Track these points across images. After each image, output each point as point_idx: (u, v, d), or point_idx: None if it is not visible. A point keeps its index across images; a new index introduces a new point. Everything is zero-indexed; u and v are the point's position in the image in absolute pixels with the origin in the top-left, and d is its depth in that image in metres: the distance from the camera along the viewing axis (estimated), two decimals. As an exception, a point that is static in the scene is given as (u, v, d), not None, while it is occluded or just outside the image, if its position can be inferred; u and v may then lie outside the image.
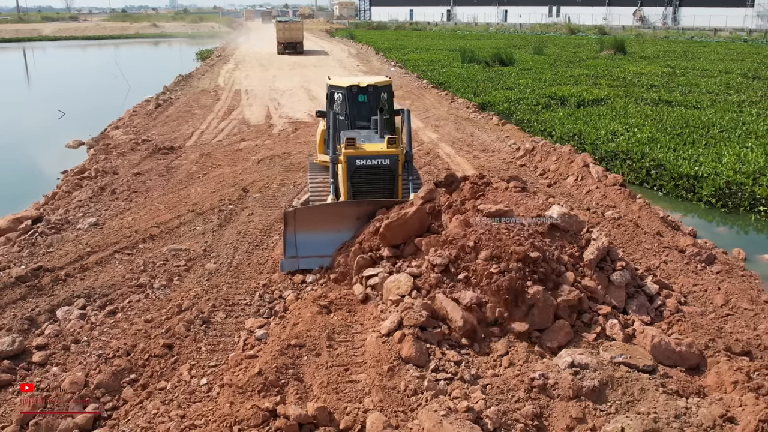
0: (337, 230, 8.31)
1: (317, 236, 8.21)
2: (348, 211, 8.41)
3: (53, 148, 18.49)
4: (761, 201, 12.08)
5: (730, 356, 6.93)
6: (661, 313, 7.64)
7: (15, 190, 14.60)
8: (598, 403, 6.01)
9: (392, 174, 8.96)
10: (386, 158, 8.81)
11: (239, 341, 6.74)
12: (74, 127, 21.22)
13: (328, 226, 8.25)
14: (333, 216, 8.37)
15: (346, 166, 8.80)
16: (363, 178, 8.91)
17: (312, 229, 8.23)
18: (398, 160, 8.93)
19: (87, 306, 7.54)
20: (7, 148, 19.26)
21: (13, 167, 16.99)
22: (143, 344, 6.66)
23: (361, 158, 8.77)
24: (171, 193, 12.08)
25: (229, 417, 5.40)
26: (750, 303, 8.03)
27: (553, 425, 5.75)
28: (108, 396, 5.98)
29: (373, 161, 8.80)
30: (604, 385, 6.19)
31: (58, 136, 19.91)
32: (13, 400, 5.90)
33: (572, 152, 13.10)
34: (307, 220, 8.27)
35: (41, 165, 16.88)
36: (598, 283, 7.52)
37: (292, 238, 8.25)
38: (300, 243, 8.23)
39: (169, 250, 9.06)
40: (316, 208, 8.84)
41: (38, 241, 9.92)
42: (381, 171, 8.89)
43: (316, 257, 8.26)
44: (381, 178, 8.96)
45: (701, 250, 9.30)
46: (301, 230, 8.24)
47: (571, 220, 7.87)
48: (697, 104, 21.86)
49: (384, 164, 8.82)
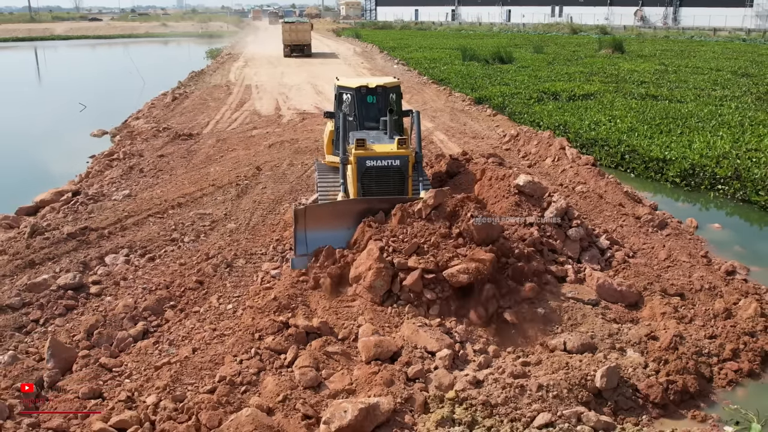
0: (347, 228, 8.30)
1: (328, 234, 8.20)
2: (358, 208, 8.36)
3: (79, 137, 20.00)
4: (720, 180, 13.45)
5: (665, 296, 8.35)
6: (610, 263, 9.09)
7: (48, 171, 16.12)
8: (548, 326, 7.44)
9: (402, 175, 8.91)
10: (396, 159, 8.78)
11: (257, 279, 8.23)
12: (96, 118, 22.74)
13: (339, 224, 8.26)
14: (343, 213, 8.35)
15: (356, 167, 8.77)
16: (373, 179, 8.86)
17: (322, 227, 8.21)
18: (408, 161, 8.91)
19: (130, 254, 9.07)
20: (38, 137, 20.81)
21: (45, 152, 18.52)
22: (179, 281, 8.17)
23: (372, 159, 8.75)
24: (193, 171, 13.61)
25: (251, 327, 6.88)
26: (689, 257, 9.45)
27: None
28: (153, 317, 7.48)
29: (383, 162, 8.77)
30: (554, 312, 7.63)
31: (82, 126, 21.44)
32: (78, 317, 7.41)
33: (551, 137, 14.52)
34: (317, 217, 8.25)
35: (70, 151, 18.39)
36: (556, 238, 8.96)
37: (302, 235, 8.22)
38: (310, 240, 8.20)
39: (195, 214, 10.57)
40: (327, 206, 8.85)
41: (79, 209, 11.45)
42: (391, 172, 8.85)
43: None
44: (391, 179, 8.90)
45: (655, 217, 10.71)
46: (311, 228, 8.21)
47: (534, 186, 9.31)
48: (681, 99, 23.13)
49: (394, 165, 8.80)
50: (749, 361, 7.04)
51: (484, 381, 6.19)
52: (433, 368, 6.42)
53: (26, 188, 13.64)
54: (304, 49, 45.45)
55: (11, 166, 16.74)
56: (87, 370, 6.34)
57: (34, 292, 7.86)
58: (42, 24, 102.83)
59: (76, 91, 31.08)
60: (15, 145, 19.51)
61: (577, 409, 5.89)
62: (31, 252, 9.18)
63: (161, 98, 24.79)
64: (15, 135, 20.97)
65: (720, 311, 7.89)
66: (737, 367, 6.96)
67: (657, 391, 6.31)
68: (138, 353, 6.71)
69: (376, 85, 10.11)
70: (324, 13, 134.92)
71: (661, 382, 6.41)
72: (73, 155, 17.66)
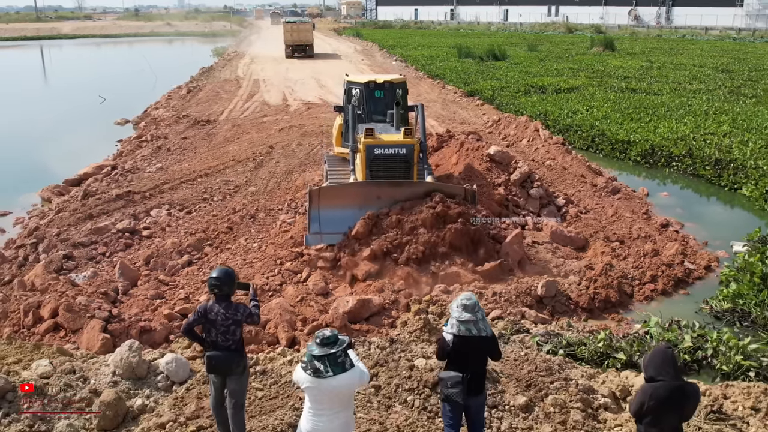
0: (359, 207, 8.84)
1: (340, 213, 8.75)
2: (369, 190, 8.97)
3: (104, 125, 21.94)
4: (676, 158, 15.37)
5: (607, 242, 10.28)
6: (565, 217, 11.03)
7: (83, 152, 18.02)
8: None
9: (408, 162, 9.42)
10: (403, 147, 9.31)
11: (276, 226, 10.17)
12: (115, 110, 24.64)
13: (351, 204, 8.87)
14: (355, 194, 8.99)
15: (365, 154, 9.28)
16: (381, 166, 9.36)
17: (335, 206, 8.79)
18: (414, 149, 9.45)
19: (171, 209, 11.04)
20: (68, 124, 22.74)
21: (77, 137, 20.40)
22: (213, 227, 10.13)
23: (380, 147, 9.27)
24: (214, 150, 15.58)
25: (273, 255, 8.84)
26: (631, 213, 11.39)
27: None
28: (195, 252, 9.43)
29: (390, 150, 9.29)
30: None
31: (105, 116, 23.38)
32: (136, 252, 9.37)
33: (528, 121, 16.46)
34: (330, 197, 8.86)
35: (98, 135, 20.32)
36: (520, 196, 10.91)
37: (316, 214, 8.77)
38: (323, 219, 8.77)
39: (221, 180, 12.54)
40: (340, 187, 9.42)
41: (119, 179, 13.40)
42: (398, 159, 9.37)
43: (340, 233, 8.81)
44: (398, 166, 9.41)
45: (609, 185, 12.64)
46: (324, 207, 8.79)
47: (503, 155, 11.26)
48: (657, 92, 25.01)
49: (401, 153, 9.33)
50: (664, 283, 8.99)
51: (452, 292, 8.13)
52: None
53: (66, 165, 15.55)
54: (306, 50, 44.33)
55: (49, 148, 18.67)
56: (150, 284, 8.29)
57: (99, 235, 9.82)
58: (49, 23, 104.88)
59: (92, 86, 32.93)
60: (51, 131, 21.37)
61: (522, 309, 7.84)
62: (88, 209, 11.14)
63: (177, 91, 26.79)
64: (50, 123, 22.85)
65: (648, 251, 9.82)
66: (653, 288, 8.91)
67: (585, 299, 8.26)
68: (186, 274, 8.66)
69: (383, 81, 10.72)
70: (325, 13, 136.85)
71: (589, 293, 8.35)
72: (102, 139, 19.59)
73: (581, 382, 5.65)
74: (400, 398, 5.06)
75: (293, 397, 5.10)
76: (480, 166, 11.09)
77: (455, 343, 4.12)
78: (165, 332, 6.95)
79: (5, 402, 4.73)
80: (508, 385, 5.29)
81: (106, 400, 4.73)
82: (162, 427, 4.68)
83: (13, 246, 9.92)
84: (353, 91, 10.89)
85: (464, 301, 4.15)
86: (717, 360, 6.81)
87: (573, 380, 5.62)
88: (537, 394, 5.27)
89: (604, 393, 5.60)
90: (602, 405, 5.40)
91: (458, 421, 4.24)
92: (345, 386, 3.72)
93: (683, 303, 8.71)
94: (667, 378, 3.61)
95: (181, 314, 7.30)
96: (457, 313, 4.14)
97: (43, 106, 27.16)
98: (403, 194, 9.03)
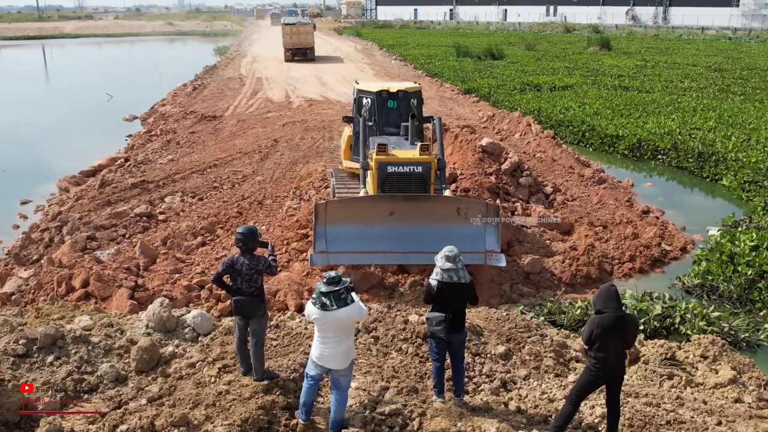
0: (370, 225, 8.07)
1: (349, 230, 7.97)
2: (382, 205, 8.21)
3: (113, 121, 22.69)
4: (661, 152, 16.12)
5: (591, 227, 11.03)
6: (552, 204, 11.78)
7: (94, 146, 18.76)
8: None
9: (425, 182, 8.52)
10: (419, 165, 8.40)
11: (283, 211, 10.92)
12: (122, 107, 25.39)
13: (361, 220, 8.08)
14: (366, 210, 8.19)
15: (377, 172, 8.41)
16: (394, 186, 8.46)
17: (344, 223, 8.01)
18: (431, 167, 8.56)
19: (183, 196, 11.80)
20: (76, 120, 23.50)
21: (87, 132, 21.16)
22: (224, 212, 10.88)
23: (393, 165, 8.38)
24: (221, 143, 16.34)
25: (281, 237, 9.59)
26: (615, 201, 12.14)
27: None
28: (208, 234, 10.17)
29: (405, 168, 8.38)
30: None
31: (113, 112, 24.12)
32: (153, 234, 10.13)
33: (520, 116, 17.22)
34: (338, 213, 8.08)
35: (108, 131, 21.06)
36: (510, 184, 11.66)
37: (322, 230, 7.96)
38: (330, 237, 7.97)
39: (229, 171, 13.30)
40: (348, 201, 8.61)
41: (133, 170, 14.16)
42: (413, 178, 8.46)
43: (347, 253, 8.03)
44: (413, 186, 8.49)
45: (596, 175, 13.39)
46: (332, 223, 7.99)
47: (495, 146, 12.01)
48: (649, 89, 25.74)
49: (416, 172, 8.42)
50: (641, 263, 9.75)
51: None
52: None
53: (79, 158, 16.28)
54: (307, 53, 41.37)
55: (62, 142, 19.42)
56: (168, 261, 9.04)
57: (118, 219, 10.57)
58: (51, 23, 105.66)
59: (98, 85, 33.68)
60: (62, 127, 22.12)
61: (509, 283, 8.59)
62: (106, 196, 11.90)
63: (182, 88, 27.57)
64: (60, 119, 23.62)
65: (629, 234, 10.57)
66: (632, 266, 9.67)
67: (567, 275, 9.02)
68: (201, 253, 9.42)
69: (397, 90, 9.79)
70: (325, 13, 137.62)
71: (572, 270, 9.12)
72: (112, 134, 20.34)
73: (556, 338, 6.41)
74: (395, 347, 5.83)
75: (304, 344, 5.86)
76: (473, 158, 11.84)
77: (439, 288, 4.91)
78: (185, 300, 7.70)
79: (56, 347, 5.49)
80: (490, 338, 6.04)
81: (142, 345, 5.49)
82: (192, 365, 5.44)
83: (38, 230, 10.68)
84: (364, 101, 9.95)
85: (447, 253, 4.94)
86: (683, 326, 7.57)
87: (548, 336, 6.38)
88: (516, 346, 6.03)
89: (577, 349, 6.36)
90: (574, 358, 6.16)
91: (443, 355, 5.03)
92: (347, 318, 4.53)
93: (658, 280, 9.47)
94: (611, 310, 4.38)
95: (198, 285, 8.05)
96: (441, 262, 4.93)
97: (52, 104, 27.95)
98: (419, 210, 8.33)
